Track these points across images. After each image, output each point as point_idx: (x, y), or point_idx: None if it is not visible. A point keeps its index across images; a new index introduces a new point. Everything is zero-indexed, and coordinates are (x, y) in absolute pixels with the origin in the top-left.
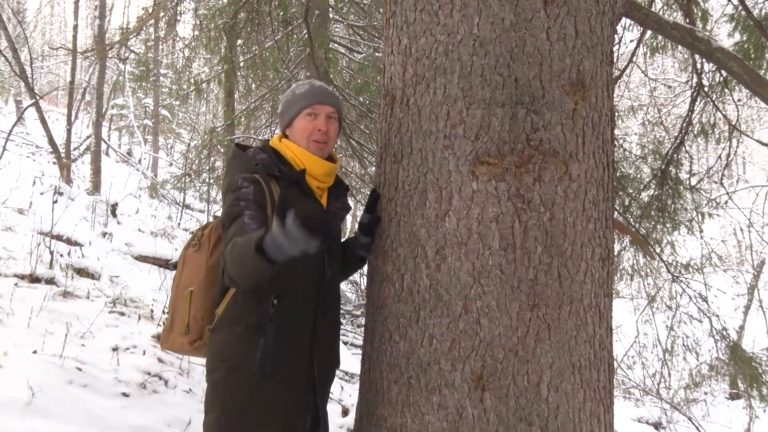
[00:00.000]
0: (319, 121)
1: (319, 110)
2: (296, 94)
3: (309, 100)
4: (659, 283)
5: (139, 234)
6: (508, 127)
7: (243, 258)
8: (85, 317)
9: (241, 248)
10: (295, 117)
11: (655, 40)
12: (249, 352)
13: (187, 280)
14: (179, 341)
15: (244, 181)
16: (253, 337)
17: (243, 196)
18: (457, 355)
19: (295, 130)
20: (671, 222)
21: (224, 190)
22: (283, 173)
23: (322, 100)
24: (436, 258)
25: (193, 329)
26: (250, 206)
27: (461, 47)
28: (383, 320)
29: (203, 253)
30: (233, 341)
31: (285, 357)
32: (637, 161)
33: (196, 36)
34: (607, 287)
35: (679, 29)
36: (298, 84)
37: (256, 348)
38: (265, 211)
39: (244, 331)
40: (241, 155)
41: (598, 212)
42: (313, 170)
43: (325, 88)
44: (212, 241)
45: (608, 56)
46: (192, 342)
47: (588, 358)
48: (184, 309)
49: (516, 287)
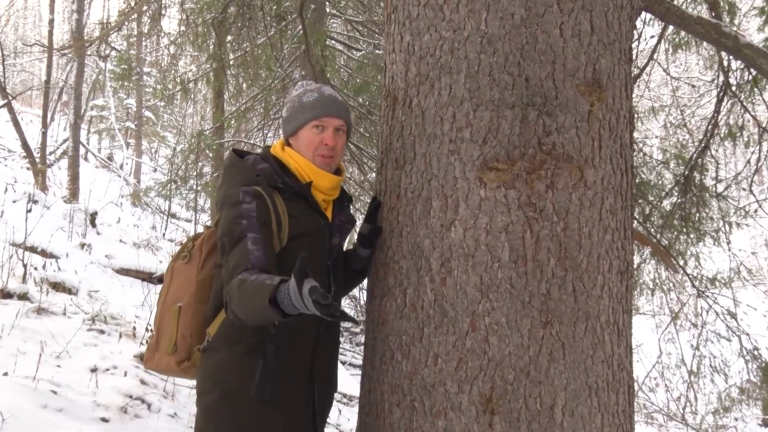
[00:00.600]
0: (326, 135)
1: (327, 123)
2: (304, 103)
3: (317, 111)
4: (683, 298)
5: (121, 245)
6: (519, 131)
7: (254, 303)
8: (61, 335)
9: (252, 293)
10: (301, 127)
11: (678, 36)
12: (246, 375)
13: (176, 294)
14: (165, 361)
15: (245, 195)
16: (251, 359)
17: (245, 214)
18: (464, 376)
19: (300, 141)
20: (696, 232)
21: (220, 200)
22: (287, 185)
23: (332, 113)
24: (442, 271)
25: (181, 348)
26: (252, 226)
27: (468, 44)
28: (384, 338)
29: (193, 265)
30: (229, 363)
31: (284, 380)
32: (659, 166)
33: (183, 32)
34: (626, 303)
35: (703, 24)
36: (306, 89)
37: (254, 370)
38: (270, 227)
39: (243, 352)
40: (240, 164)
41: (615, 222)
42: (320, 184)
43: (334, 98)
44: (204, 253)
45: (626, 54)
46: (179, 362)
47: (606, 380)
48: (172, 326)
49: (527, 303)
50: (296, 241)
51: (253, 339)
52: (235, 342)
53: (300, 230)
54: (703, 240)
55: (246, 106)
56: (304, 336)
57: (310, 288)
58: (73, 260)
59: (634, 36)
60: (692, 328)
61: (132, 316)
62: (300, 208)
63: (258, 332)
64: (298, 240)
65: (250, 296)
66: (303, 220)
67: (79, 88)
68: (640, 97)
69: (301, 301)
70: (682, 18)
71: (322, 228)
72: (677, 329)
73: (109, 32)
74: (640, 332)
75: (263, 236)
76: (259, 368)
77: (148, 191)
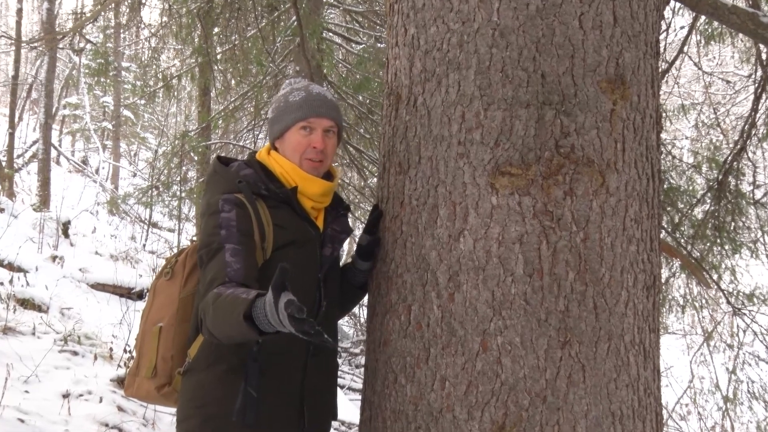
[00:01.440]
0: (314, 137)
1: (315, 124)
2: (290, 103)
3: (304, 111)
4: (717, 316)
5: (97, 258)
6: (534, 132)
7: (228, 320)
8: (29, 357)
9: (226, 308)
10: (286, 129)
11: (711, 27)
12: (228, 398)
13: (157, 314)
14: (145, 387)
15: (225, 203)
16: (233, 380)
17: (224, 223)
18: (475, 401)
19: (286, 144)
20: (731, 243)
21: (202, 211)
22: (271, 192)
23: (320, 113)
24: (449, 286)
25: (161, 372)
26: (232, 236)
27: (478, 37)
28: (387, 360)
29: (176, 282)
30: (210, 385)
31: (270, 404)
32: (689, 171)
33: (165, 23)
34: (652, 321)
35: (739, 14)
36: (293, 88)
37: (236, 392)
38: (252, 237)
39: (224, 373)
40: (223, 171)
41: (641, 232)
42: (307, 189)
43: (323, 97)
44: (187, 269)
45: (653, 47)
46: (160, 387)
47: (631, 406)
48: (152, 348)
49: (544, 320)
50: (282, 252)
51: (235, 358)
52: (215, 362)
53: (286, 240)
54: (739, 252)
55: (235, 105)
56: (292, 355)
57: (286, 302)
58: (44, 274)
59: (661, 27)
60: (728, 350)
61: (108, 336)
62: (286, 216)
63: (240, 351)
64: (284, 250)
65: (224, 312)
66: (290, 229)
67: (50, 85)
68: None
69: (277, 317)
70: (715, 7)
71: (311, 237)
72: (711, 350)
73: (83, 23)
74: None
75: (243, 247)
76: (241, 389)
77: (126, 198)
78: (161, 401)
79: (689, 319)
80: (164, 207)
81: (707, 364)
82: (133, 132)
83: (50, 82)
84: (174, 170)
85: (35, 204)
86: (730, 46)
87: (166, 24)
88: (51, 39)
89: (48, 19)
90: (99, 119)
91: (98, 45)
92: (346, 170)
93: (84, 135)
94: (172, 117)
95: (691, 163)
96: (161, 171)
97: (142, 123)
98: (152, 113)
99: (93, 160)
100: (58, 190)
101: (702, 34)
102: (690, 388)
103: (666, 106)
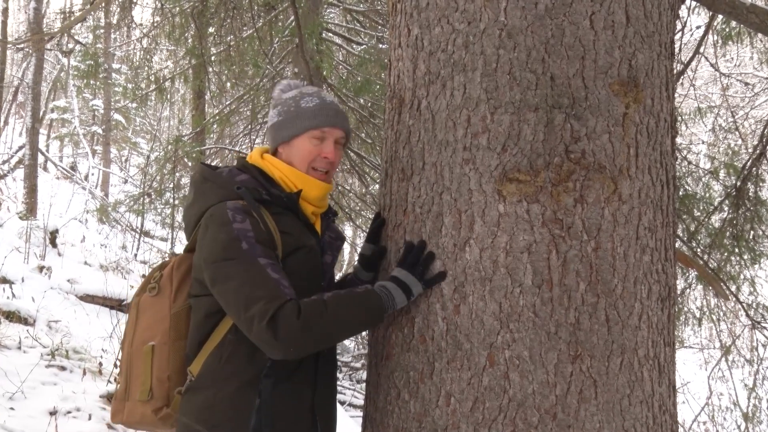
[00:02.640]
0: (326, 147)
1: (328, 134)
2: (303, 109)
3: (320, 120)
4: (736, 330)
5: (86, 268)
6: (543, 136)
7: (358, 316)
8: (15, 373)
9: (352, 307)
10: (297, 135)
11: (728, 27)
12: (240, 415)
13: (146, 333)
14: (139, 411)
15: (235, 212)
16: (245, 397)
17: (241, 235)
18: (481, 418)
19: (294, 151)
20: (750, 253)
21: (205, 221)
22: (274, 197)
23: (335, 123)
24: (455, 297)
25: (158, 394)
26: (256, 249)
27: (485, 38)
28: (389, 374)
29: (164, 298)
30: (221, 403)
31: (284, 420)
32: (706, 177)
33: (157, 23)
34: (667, 334)
35: (758, 13)
36: (303, 93)
37: (249, 410)
38: (273, 248)
39: (236, 389)
40: (215, 177)
41: (655, 241)
42: (310, 193)
43: (337, 107)
44: (175, 283)
45: (668, 48)
46: (157, 410)
47: (645, 424)
48: (145, 369)
49: (553, 333)
50: (292, 259)
51: (247, 374)
52: (225, 378)
53: (294, 247)
54: (758, 262)
55: (230, 109)
56: (301, 368)
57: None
58: (30, 285)
59: (676, 27)
60: (746, 365)
61: (98, 350)
62: (290, 223)
63: (251, 367)
64: (293, 257)
65: (352, 311)
66: (295, 235)
67: (37, 87)
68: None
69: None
70: (732, 6)
71: (314, 244)
72: (729, 366)
73: (72, 23)
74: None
75: (276, 261)
76: (255, 407)
77: (117, 206)
78: (158, 425)
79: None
80: (156, 215)
81: (725, 380)
82: (124, 137)
83: (37, 84)
84: (167, 177)
85: (21, 212)
86: (749, 47)
87: (159, 24)
88: (38, 39)
89: (35, 19)
90: (88, 123)
91: (88, 46)
92: (347, 176)
93: (73, 140)
94: (164, 121)
95: (707, 169)
96: (153, 177)
97: (133, 127)
98: (144, 117)
99: (82, 166)
100: (45, 198)
101: (719, 34)
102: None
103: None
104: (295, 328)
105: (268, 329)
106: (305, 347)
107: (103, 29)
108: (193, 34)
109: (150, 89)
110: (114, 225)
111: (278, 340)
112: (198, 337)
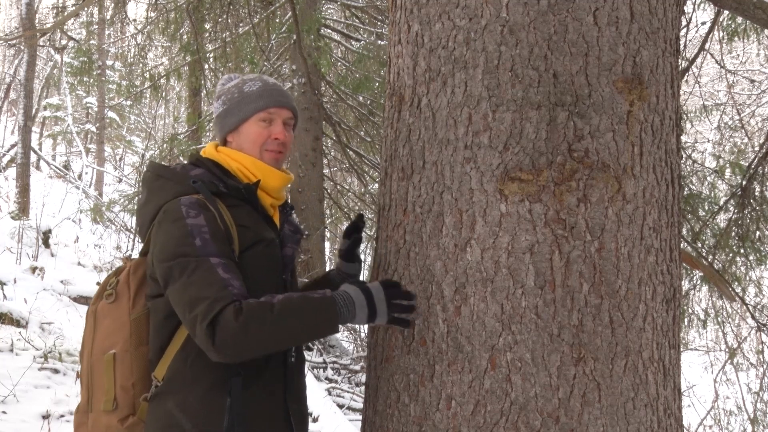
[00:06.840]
0: (275, 128)
1: (275, 114)
2: (246, 93)
3: (265, 101)
4: (741, 332)
5: (79, 269)
6: (546, 135)
7: (309, 321)
8: (7, 376)
9: (303, 312)
10: (244, 121)
11: (734, 23)
12: (213, 416)
13: (106, 342)
14: (104, 422)
15: (189, 208)
16: (215, 398)
17: (195, 231)
18: (483, 422)
19: (243, 137)
20: (755, 253)
21: (159, 219)
22: (231, 188)
23: (281, 102)
24: (456, 298)
25: (123, 403)
26: (209, 246)
27: (486, 35)
28: (389, 377)
29: (122, 304)
30: (191, 406)
31: (257, 419)
32: (711, 176)
33: (152, 18)
34: (672, 336)
35: (765, 9)
36: (245, 80)
37: (220, 410)
38: (228, 244)
39: (206, 392)
40: (169, 173)
41: (660, 241)
42: (269, 182)
43: (281, 88)
44: (133, 288)
45: (673, 44)
46: (123, 419)
47: (650, 427)
48: (107, 379)
49: (556, 335)
50: (250, 253)
51: (215, 375)
52: (193, 381)
53: (252, 240)
54: (764, 263)
55: None
56: (271, 366)
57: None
58: (23, 287)
59: (681, 23)
60: (752, 368)
61: None
62: (248, 215)
63: (220, 366)
64: (251, 251)
65: (302, 315)
66: (253, 228)
67: (29, 85)
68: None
69: (385, 307)
70: (739, 2)
71: (273, 237)
72: (735, 368)
73: (65, 19)
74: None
75: (228, 260)
76: (227, 406)
77: (111, 205)
78: None
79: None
80: None
81: (731, 383)
82: (119, 135)
83: (30, 81)
84: None
85: (13, 212)
86: (756, 43)
87: (154, 20)
88: (31, 35)
89: (27, 15)
90: (82, 121)
91: (81, 42)
92: (345, 175)
93: (66, 138)
94: (159, 119)
95: (713, 168)
96: None
97: (127, 125)
98: (139, 115)
99: (75, 164)
100: (38, 197)
101: (725, 31)
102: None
103: (686, 107)
104: (231, 332)
105: (207, 331)
106: (242, 352)
107: (97, 25)
108: (188, 31)
109: (145, 86)
110: (108, 225)
111: (214, 344)
112: (159, 340)
